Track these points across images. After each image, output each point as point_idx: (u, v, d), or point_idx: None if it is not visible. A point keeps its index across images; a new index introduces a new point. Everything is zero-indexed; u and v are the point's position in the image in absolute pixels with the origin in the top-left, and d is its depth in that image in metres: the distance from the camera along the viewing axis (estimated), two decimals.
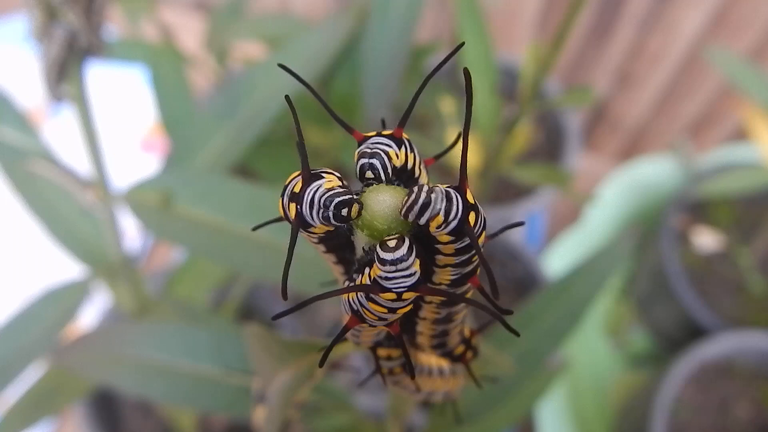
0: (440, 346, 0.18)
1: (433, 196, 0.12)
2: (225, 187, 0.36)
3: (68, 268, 0.66)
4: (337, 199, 0.13)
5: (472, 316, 0.35)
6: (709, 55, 0.62)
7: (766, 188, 0.64)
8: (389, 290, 0.13)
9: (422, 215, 0.12)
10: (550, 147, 0.78)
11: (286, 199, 0.13)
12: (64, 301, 0.39)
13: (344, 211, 0.13)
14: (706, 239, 0.69)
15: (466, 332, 0.18)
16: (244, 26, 0.59)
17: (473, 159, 0.52)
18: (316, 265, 0.29)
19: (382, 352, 0.17)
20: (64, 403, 0.42)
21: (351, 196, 0.13)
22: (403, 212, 0.13)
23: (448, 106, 0.58)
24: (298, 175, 0.13)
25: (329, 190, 0.13)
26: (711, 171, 0.69)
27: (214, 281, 0.51)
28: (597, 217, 0.75)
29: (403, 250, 0.12)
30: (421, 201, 0.12)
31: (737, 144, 0.79)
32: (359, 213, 0.13)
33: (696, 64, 0.82)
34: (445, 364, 0.19)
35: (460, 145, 0.14)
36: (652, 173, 0.78)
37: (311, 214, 0.13)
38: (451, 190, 0.13)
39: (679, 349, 0.60)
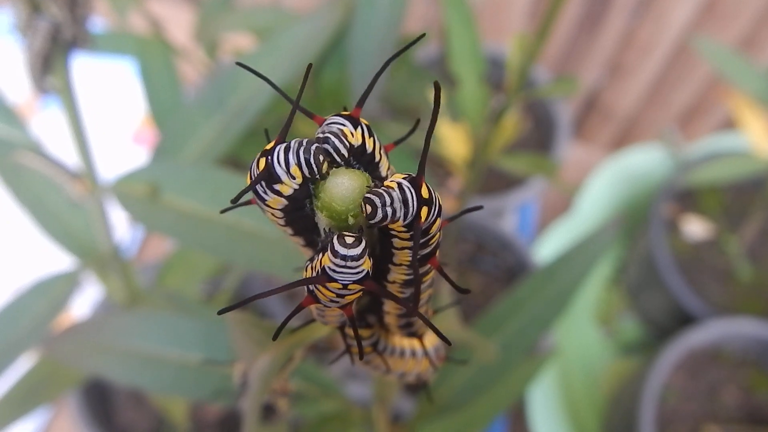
0: (407, 326, 0.18)
1: (389, 210, 0.13)
2: (213, 177, 0.36)
3: (59, 260, 0.67)
4: (317, 145, 0.13)
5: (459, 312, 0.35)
6: (698, 45, 0.62)
7: (753, 176, 0.65)
8: (335, 281, 0.13)
9: (384, 222, 0.13)
10: (541, 137, 0.78)
11: (255, 162, 0.14)
12: (54, 292, 0.39)
13: (321, 158, 0.13)
14: (695, 227, 0.69)
15: (430, 314, 0.19)
16: (233, 18, 0.59)
17: (461, 149, 0.52)
18: (299, 256, 0.30)
19: (351, 332, 0.18)
20: (56, 393, 0.43)
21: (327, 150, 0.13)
22: (369, 222, 0.13)
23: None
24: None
25: (307, 140, 0.13)
26: (700, 160, 0.69)
27: (205, 272, 0.51)
28: (587, 207, 0.76)
29: (358, 250, 0.13)
30: (379, 216, 0.13)
31: (726, 133, 0.80)
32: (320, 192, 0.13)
33: (686, 54, 0.82)
34: (417, 346, 0.20)
35: (452, 135, 0.14)
36: (642, 163, 0.78)
37: (287, 158, 0.13)
38: (408, 191, 0.13)
39: (668, 336, 0.61)
